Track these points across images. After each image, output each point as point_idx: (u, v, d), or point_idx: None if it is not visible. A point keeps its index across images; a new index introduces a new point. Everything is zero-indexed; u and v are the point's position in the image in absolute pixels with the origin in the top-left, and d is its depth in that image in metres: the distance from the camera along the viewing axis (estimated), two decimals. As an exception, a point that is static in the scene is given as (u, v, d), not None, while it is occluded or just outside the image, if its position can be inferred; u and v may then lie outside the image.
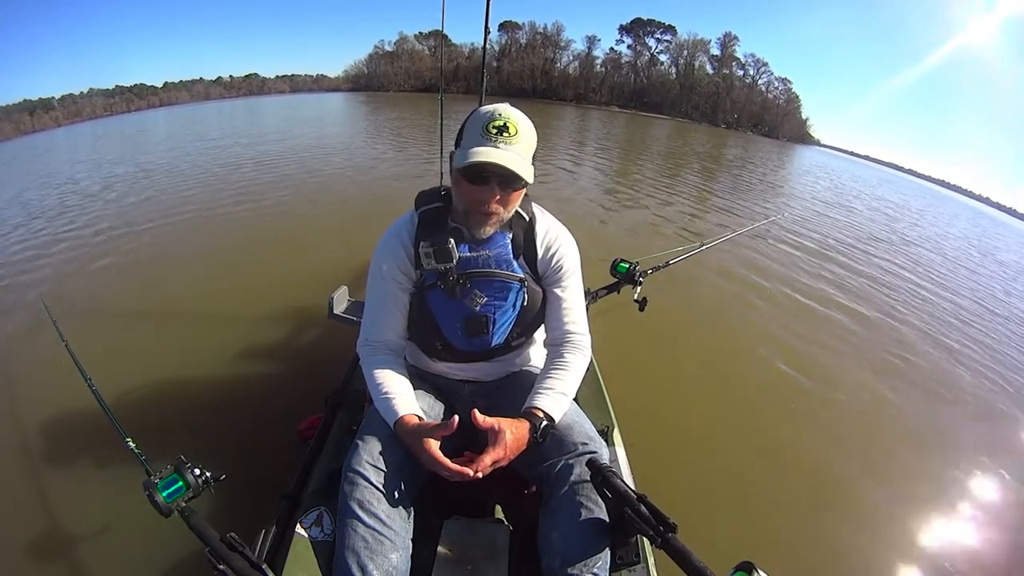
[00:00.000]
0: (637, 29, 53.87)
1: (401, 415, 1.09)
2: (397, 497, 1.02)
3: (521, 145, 1.07)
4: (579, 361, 1.22)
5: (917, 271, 6.87)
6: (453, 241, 1.14)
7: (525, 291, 1.22)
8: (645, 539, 1.07)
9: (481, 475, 1.00)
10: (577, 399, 1.30)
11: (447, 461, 1.00)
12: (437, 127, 2.41)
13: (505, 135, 1.05)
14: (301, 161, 9.29)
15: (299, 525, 1.07)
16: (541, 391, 1.13)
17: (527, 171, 1.07)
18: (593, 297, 2.33)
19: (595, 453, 1.07)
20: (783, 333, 3.82)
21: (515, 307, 1.23)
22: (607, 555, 1.00)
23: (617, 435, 1.49)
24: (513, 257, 1.21)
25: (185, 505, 0.93)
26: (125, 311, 3.43)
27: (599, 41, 55.02)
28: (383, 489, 1.00)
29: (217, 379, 2.58)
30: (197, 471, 0.96)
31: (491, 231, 1.17)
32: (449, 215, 1.21)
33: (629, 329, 3.17)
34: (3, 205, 6.85)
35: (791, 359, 3.42)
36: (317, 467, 1.31)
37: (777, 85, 53.79)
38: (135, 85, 45.25)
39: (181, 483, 0.94)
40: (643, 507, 0.93)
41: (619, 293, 2.43)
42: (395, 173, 8.61)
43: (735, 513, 2.05)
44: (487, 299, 1.20)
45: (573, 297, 1.28)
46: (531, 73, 53.50)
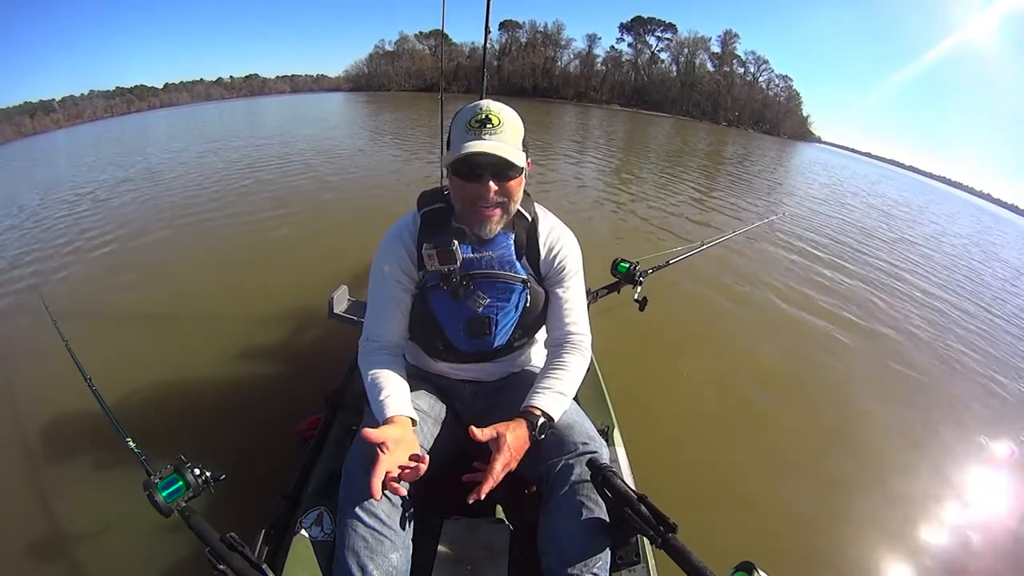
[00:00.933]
0: (638, 27, 53.84)
1: (389, 415, 1.08)
2: (397, 497, 1.01)
3: (506, 134, 1.07)
4: (579, 361, 1.22)
5: (915, 271, 6.85)
6: (456, 242, 1.14)
7: (528, 292, 1.22)
8: (645, 539, 1.07)
9: (496, 480, 1.01)
10: (577, 399, 1.30)
11: (376, 488, 0.95)
12: (437, 127, 2.41)
13: (489, 126, 1.05)
14: (301, 161, 9.28)
15: (299, 525, 1.07)
16: (539, 391, 1.13)
17: (517, 157, 1.07)
18: (594, 297, 2.33)
19: (595, 453, 1.06)
20: (784, 332, 3.82)
21: (518, 308, 1.22)
22: (607, 555, 1.00)
23: (617, 435, 1.48)
24: (516, 258, 1.21)
25: (185, 505, 0.94)
26: (125, 311, 3.43)
27: (600, 39, 55.11)
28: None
29: (217, 379, 2.58)
30: (197, 471, 0.96)
31: (497, 228, 1.16)
32: (452, 216, 1.21)
33: (629, 329, 3.17)
34: (3, 206, 6.86)
35: (792, 358, 3.42)
36: (317, 467, 1.30)
37: (778, 83, 53.78)
38: (136, 86, 45.41)
39: (181, 483, 0.94)
40: (643, 507, 0.93)
41: (619, 293, 2.43)
42: (396, 173, 8.60)
43: (735, 513, 2.04)
44: (490, 300, 1.20)
45: (575, 297, 1.28)
46: (532, 72, 53.47)
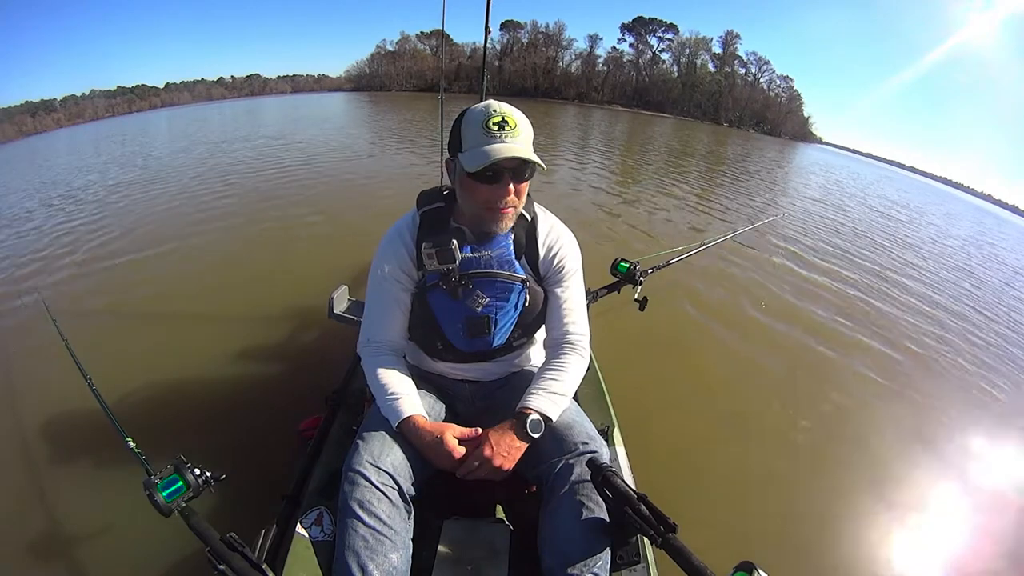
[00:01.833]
0: (639, 28, 53.85)
1: (408, 415, 1.09)
2: (397, 497, 1.02)
3: (524, 136, 1.07)
4: (577, 362, 1.22)
5: (915, 271, 6.85)
6: (456, 242, 1.14)
7: (527, 292, 1.22)
8: (645, 539, 1.06)
9: (465, 472, 1.07)
10: (577, 399, 1.30)
11: (460, 450, 1.07)
12: (438, 127, 2.41)
13: (507, 128, 1.05)
14: (301, 161, 9.28)
15: (299, 525, 1.07)
16: (534, 391, 1.14)
17: (537, 159, 1.07)
18: (594, 297, 2.33)
19: (595, 453, 1.06)
20: (784, 332, 3.81)
21: (517, 308, 1.23)
22: (607, 555, 1.00)
23: (617, 435, 1.48)
24: (515, 257, 1.21)
25: (185, 505, 0.94)
26: (125, 311, 3.43)
27: (601, 40, 55.14)
28: (383, 489, 1.00)
29: (217, 379, 2.58)
30: (197, 471, 0.96)
31: (510, 224, 1.17)
32: (451, 215, 1.21)
33: (629, 329, 3.17)
34: (4, 206, 6.86)
35: (792, 358, 3.41)
36: (317, 467, 1.30)
37: (779, 83, 53.81)
38: (137, 86, 45.51)
39: (181, 483, 0.94)
40: (643, 507, 0.93)
41: (619, 293, 2.43)
42: (396, 173, 8.61)
43: (735, 513, 2.04)
44: (489, 300, 1.20)
45: (574, 297, 1.28)
46: (533, 72, 53.49)
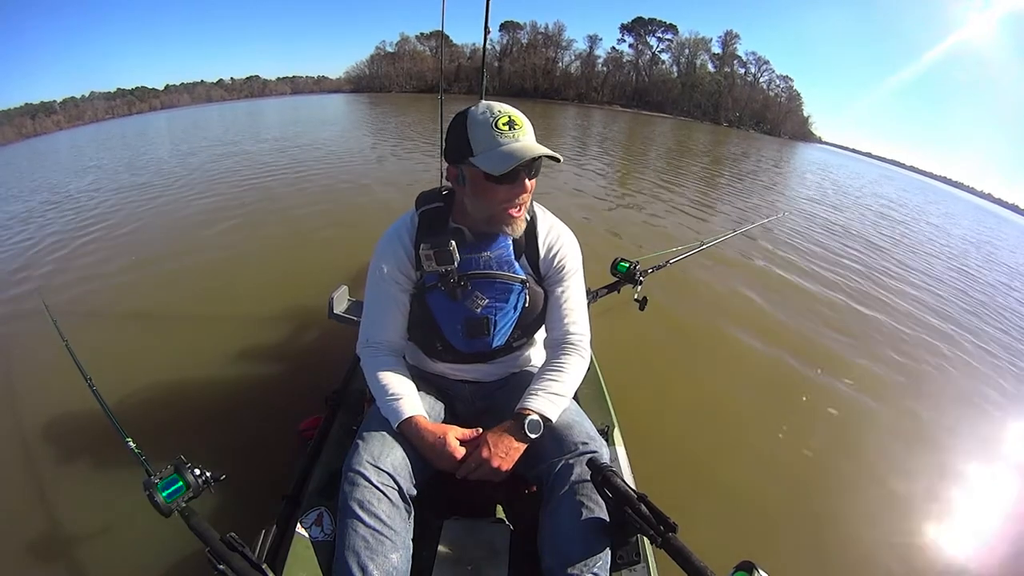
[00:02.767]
0: (638, 28, 53.93)
1: (408, 415, 1.10)
2: (397, 497, 1.02)
3: (531, 132, 1.09)
4: (576, 362, 1.22)
5: (914, 271, 6.85)
6: (454, 243, 1.14)
7: (526, 292, 1.22)
8: (645, 539, 1.06)
9: (464, 474, 1.07)
10: (577, 399, 1.30)
11: (461, 450, 1.07)
12: (437, 128, 2.41)
13: (517, 127, 1.06)
14: (301, 162, 9.28)
15: (299, 525, 1.07)
16: (533, 392, 1.14)
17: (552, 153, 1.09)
18: (594, 296, 2.33)
19: (595, 453, 1.06)
20: (784, 332, 3.81)
21: (516, 309, 1.23)
22: (607, 555, 1.00)
23: (617, 434, 1.48)
24: (515, 258, 1.21)
25: (185, 505, 0.94)
26: (125, 311, 3.43)
27: (601, 40, 55.23)
28: (383, 489, 1.00)
29: (217, 379, 2.58)
30: (197, 471, 0.96)
31: (523, 225, 1.18)
32: (450, 216, 1.21)
33: (629, 328, 3.16)
34: (4, 206, 6.87)
35: (792, 358, 3.41)
36: (317, 467, 1.30)
37: (779, 83, 53.90)
38: (136, 88, 45.64)
39: (181, 483, 0.94)
40: (643, 507, 0.93)
41: (619, 292, 2.43)
42: (395, 173, 8.61)
43: (735, 513, 2.04)
44: (488, 301, 1.20)
45: (574, 297, 1.28)
46: (533, 73, 53.54)
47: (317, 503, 1.12)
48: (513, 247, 1.21)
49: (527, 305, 1.23)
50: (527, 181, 1.09)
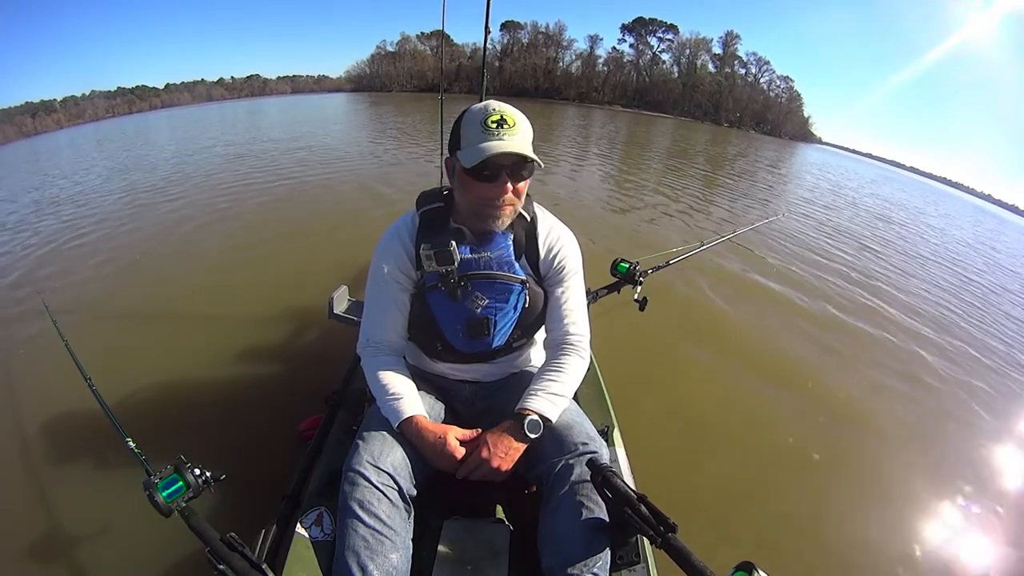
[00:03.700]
0: (639, 28, 53.94)
1: (408, 415, 1.10)
2: (397, 497, 1.02)
3: (523, 134, 1.08)
4: (576, 362, 1.22)
5: (914, 271, 6.85)
6: (454, 243, 1.14)
7: (527, 293, 1.22)
8: (645, 539, 1.06)
9: (464, 474, 1.07)
10: (577, 399, 1.30)
11: (461, 451, 1.07)
12: (437, 127, 2.41)
13: (506, 127, 1.06)
14: (301, 162, 9.28)
15: (299, 525, 1.07)
16: (533, 392, 1.14)
17: (535, 157, 1.08)
18: (594, 297, 2.33)
19: (595, 453, 1.06)
20: (783, 332, 3.81)
21: (516, 309, 1.23)
22: (607, 555, 1.00)
23: (617, 435, 1.48)
24: (515, 258, 1.21)
25: (185, 505, 0.93)
26: (125, 311, 3.43)
27: (601, 40, 55.28)
28: (383, 489, 1.00)
29: (217, 379, 2.58)
30: (197, 471, 0.96)
31: (507, 222, 1.17)
32: (451, 216, 1.21)
33: (629, 329, 3.17)
34: (4, 206, 6.87)
35: (792, 358, 3.41)
36: (317, 467, 1.31)
37: (779, 83, 53.90)
38: (137, 87, 45.61)
39: (181, 483, 0.94)
40: (643, 507, 0.93)
41: (619, 293, 2.42)
42: (395, 173, 8.61)
43: (735, 513, 2.04)
44: (488, 301, 1.20)
45: (574, 298, 1.28)
46: (533, 72, 53.55)
47: (317, 503, 1.12)
48: (513, 247, 1.21)
49: (527, 305, 1.23)
50: (509, 182, 1.09)
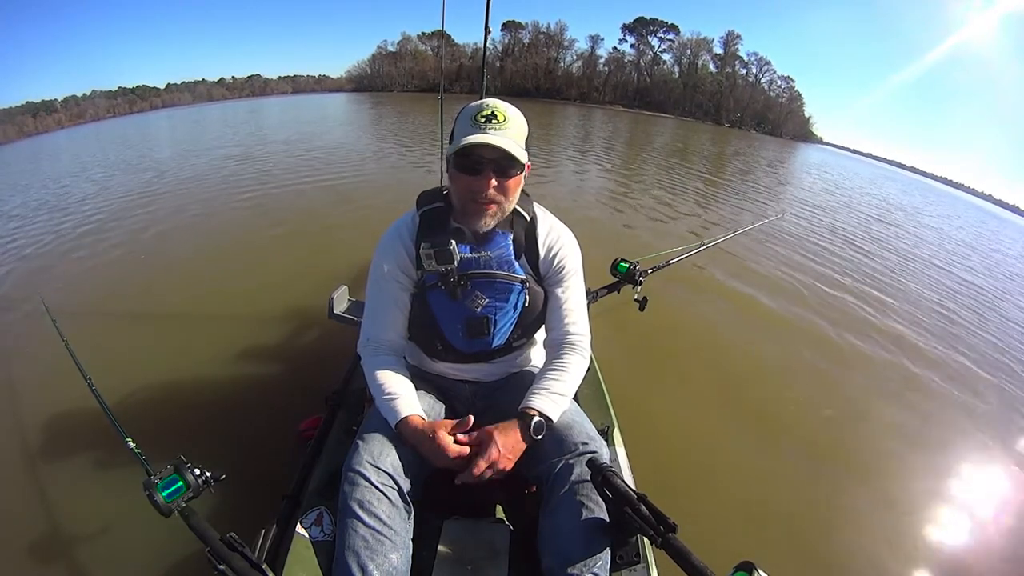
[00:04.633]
0: (640, 28, 53.90)
1: (405, 415, 1.09)
2: (397, 497, 1.02)
3: (511, 131, 1.08)
4: (577, 362, 1.22)
5: (913, 273, 6.85)
6: (454, 242, 1.14)
7: (526, 292, 1.22)
8: (645, 539, 1.06)
9: (476, 474, 1.03)
10: (577, 399, 1.30)
11: (454, 447, 1.05)
12: (437, 127, 2.41)
13: (494, 122, 1.06)
14: (301, 162, 9.29)
15: (299, 525, 1.07)
16: (536, 392, 1.13)
17: (519, 152, 1.07)
18: (594, 297, 2.33)
19: (595, 453, 1.06)
20: (783, 332, 3.81)
21: (516, 308, 1.23)
22: (607, 555, 1.00)
23: (617, 435, 1.48)
24: (515, 258, 1.21)
25: (185, 505, 0.93)
26: (125, 311, 3.43)
27: (602, 40, 55.20)
28: (383, 489, 1.00)
29: (217, 379, 2.58)
30: (197, 471, 0.96)
31: (491, 223, 1.16)
32: (451, 215, 1.21)
33: (629, 329, 3.17)
34: (4, 205, 6.87)
35: (792, 358, 3.41)
36: (317, 467, 1.31)
37: (780, 83, 53.80)
38: (138, 87, 45.56)
39: (181, 483, 0.94)
40: (643, 507, 0.93)
41: (619, 293, 2.43)
42: (396, 173, 8.62)
43: (735, 513, 2.04)
44: (488, 300, 1.20)
45: (574, 298, 1.28)
46: (534, 72, 53.51)
47: (317, 503, 1.12)
48: (513, 247, 1.21)
49: (527, 305, 1.23)
50: (493, 178, 1.08)
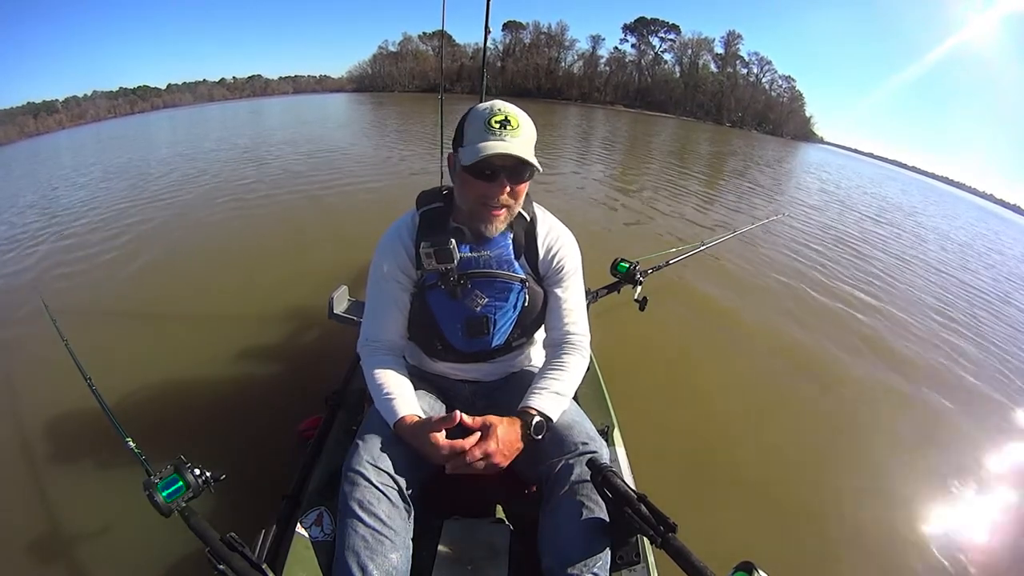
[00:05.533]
0: (641, 28, 53.82)
1: (402, 415, 1.09)
2: (397, 497, 1.02)
3: (524, 137, 1.07)
4: (577, 362, 1.22)
5: (919, 271, 6.84)
6: (454, 241, 1.14)
7: (526, 292, 1.22)
8: (645, 539, 1.06)
9: (470, 461, 1.01)
10: (577, 399, 1.30)
11: (447, 442, 1.02)
12: (438, 127, 2.41)
13: (509, 128, 1.05)
14: (301, 162, 9.30)
15: (299, 525, 1.07)
16: (536, 391, 1.13)
17: (535, 160, 1.07)
18: (593, 297, 2.33)
19: (595, 453, 1.06)
20: (783, 332, 3.81)
21: (516, 308, 1.23)
22: (607, 555, 1.00)
23: (617, 435, 1.48)
24: (514, 258, 1.21)
25: (185, 505, 0.93)
26: (125, 311, 3.44)
27: (603, 40, 55.04)
28: (383, 489, 1.00)
29: (217, 379, 2.59)
30: (197, 471, 0.96)
31: (501, 227, 1.17)
32: (450, 215, 1.22)
33: (629, 329, 3.17)
34: (4, 205, 6.88)
35: (792, 359, 3.41)
36: (317, 467, 1.31)
37: (781, 83, 53.65)
38: (139, 87, 45.53)
39: (181, 483, 0.94)
40: (643, 507, 0.93)
41: (619, 293, 2.43)
42: (396, 173, 8.62)
43: (735, 513, 2.04)
44: (488, 300, 1.20)
45: (574, 298, 1.28)
46: (535, 73, 53.43)
47: (317, 503, 1.12)
48: (513, 247, 1.21)
49: (526, 304, 1.23)
50: (507, 183, 1.08)
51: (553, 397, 1.12)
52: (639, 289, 2.33)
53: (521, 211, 1.22)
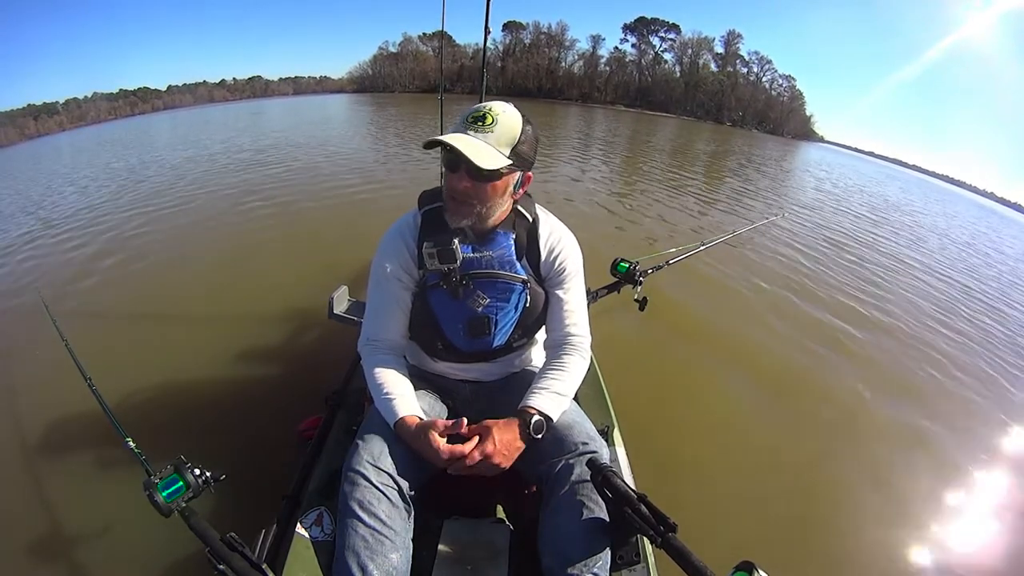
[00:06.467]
0: (641, 28, 53.89)
1: (402, 415, 1.09)
2: (397, 497, 1.02)
3: (495, 135, 1.06)
4: (577, 362, 1.22)
5: (914, 270, 6.84)
6: (457, 242, 1.14)
7: (528, 292, 1.22)
8: (645, 539, 1.06)
9: (469, 464, 1.02)
10: (577, 399, 1.29)
11: (447, 446, 1.02)
12: (437, 127, 2.41)
13: (480, 124, 1.06)
14: (302, 162, 9.31)
15: (299, 525, 1.07)
16: (536, 391, 1.13)
17: (486, 156, 1.04)
18: (593, 297, 2.33)
19: (595, 453, 1.06)
20: (783, 333, 3.80)
21: (517, 308, 1.23)
22: (607, 555, 1.00)
23: (617, 435, 1.48)
24: (516, 259, 1.21)
25: (185, 505, 0.93)
26: (126, 311, 3.44)
27: (603, 40, 55.16)
28: (383, 489, 1.00)
29: (217, 379, 2.59)
30: (197, 471, 0.96)
31: (464, 223, 1.15)
32: None
33: (629, 329, 3.16)
34: (5, 205, 6.89)
35: (792, 359, 3.40)
36: (317, 467, 1.31)
37: (781, 82, 53.80)
38: (139, 89, 45.65)
39: (181, 483, 0.94)
40: (643, 507, 0.93)
41: (619, 293, 2.42)
42: (396, 173, 8.62)
43: (735, 513, 2.04)
44: (489, 300, 1.20)
45: (575, 299, 1.28)
46: (536, 73, 53.50)
47: (317, 503, 1.12)
48: (515, 248, 1.21)
49: (528, 305, 1.23)
50: (466, 176, 1.07)
51: (553, 397, 1.12)
52: (639, 289, 2.33)
53: (524, 212, 1.22)
